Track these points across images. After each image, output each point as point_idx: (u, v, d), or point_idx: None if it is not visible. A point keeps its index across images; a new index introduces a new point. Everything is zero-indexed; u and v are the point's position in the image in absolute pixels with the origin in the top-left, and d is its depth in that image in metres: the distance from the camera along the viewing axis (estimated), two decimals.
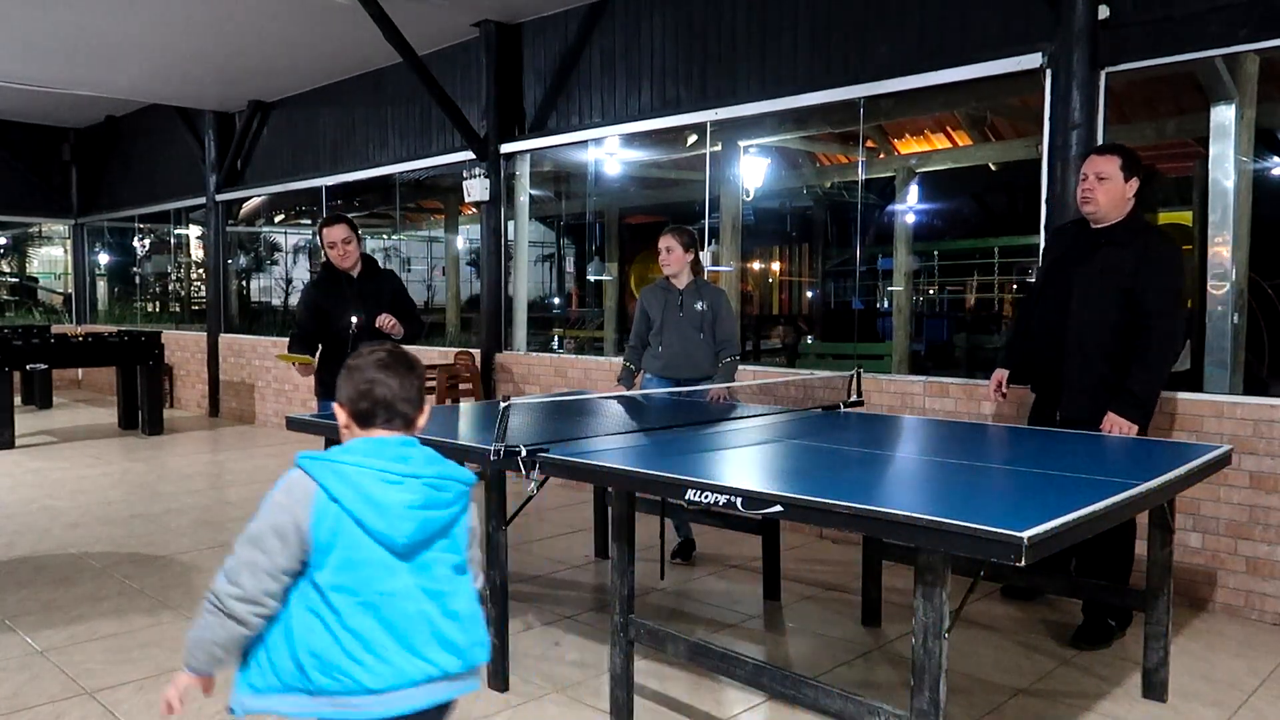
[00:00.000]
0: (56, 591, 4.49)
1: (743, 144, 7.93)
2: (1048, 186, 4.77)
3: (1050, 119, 4.75)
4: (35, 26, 7.84)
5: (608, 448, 3.21)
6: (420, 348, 8.46)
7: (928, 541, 2.12)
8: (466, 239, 12.45)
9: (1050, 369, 3.99)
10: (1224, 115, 5.08)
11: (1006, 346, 4.54)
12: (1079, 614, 4.00)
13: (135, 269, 14.33)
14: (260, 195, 11.38)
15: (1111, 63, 4.60)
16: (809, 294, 13.67)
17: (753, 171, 8.33)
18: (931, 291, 12.73)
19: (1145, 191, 3.85)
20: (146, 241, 14.12)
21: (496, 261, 7.96)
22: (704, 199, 6.70)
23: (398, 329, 4.68)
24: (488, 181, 7.73)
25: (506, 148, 7.75)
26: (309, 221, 13.48)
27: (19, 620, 4.10)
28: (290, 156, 10.39)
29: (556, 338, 10.12)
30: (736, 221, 7.89)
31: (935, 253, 12.29)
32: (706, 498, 2.51)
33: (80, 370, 13.48)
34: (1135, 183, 3.83)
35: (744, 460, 3.20)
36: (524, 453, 3.01)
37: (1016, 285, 11.87)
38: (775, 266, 13.78)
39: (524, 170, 8.07)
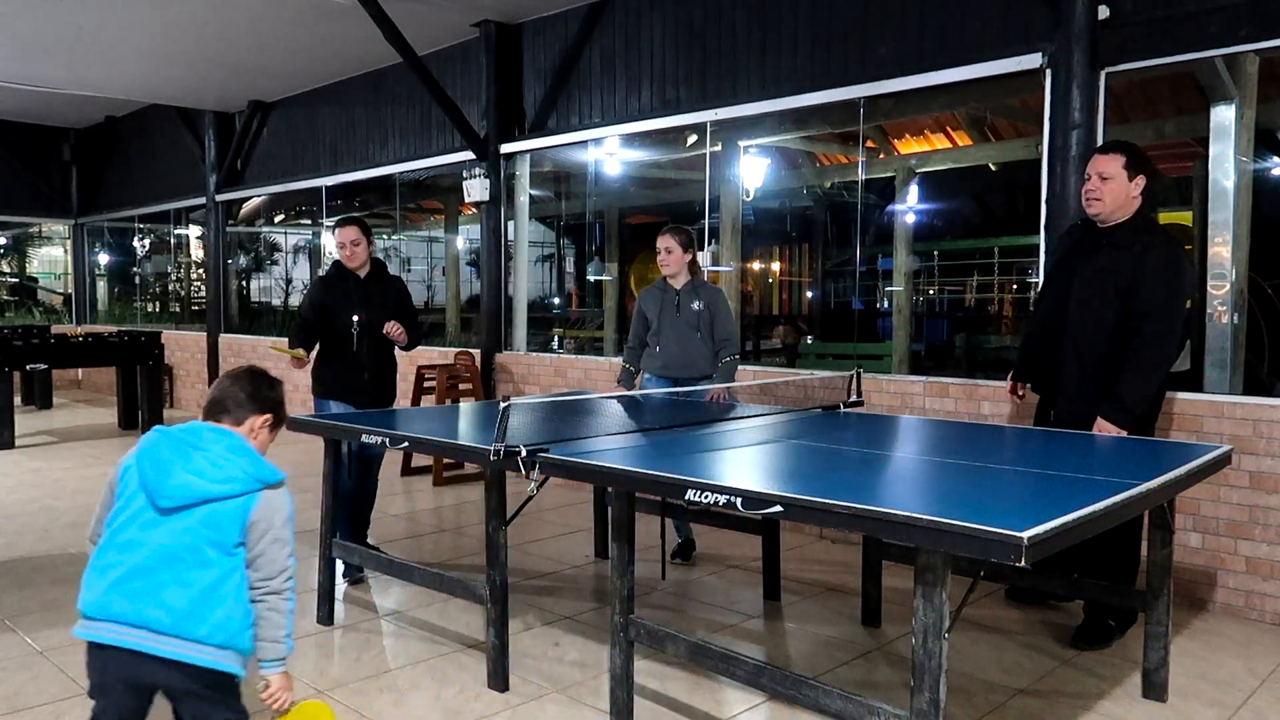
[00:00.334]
0: (56, 591, 4.48)
1: (743, 144, 7.93)
2: (1048, 186, 4.77)
3: (1050, 119, 4.75)
4: (35, 26, 7.84)
5: (607, 448, 3.21)
6: (420, 348, 8.42)
7: (928, 541, 2.12)
8: (466, 239, 12.45)
9: (1048, 369, 3.99)
10: (1224, 115, 5.09)
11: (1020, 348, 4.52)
12: (1079, 614, 4.00)
13: (135, 269, 14.32)
14: (260, 195, 11.38)
15: (1111, 63, 4.59)
16: (809, 294, 13.67)
17: (753, 171, 8.32)
18: (931, 292, 12.74)
19: (1146, 191, 3.83)
20: (146, 241, 14.12)
21: (496, 261, 7.96)
22: (704, 199, 6.70)
23: (403, 337, 4.75)
24: (488, 181, 7.73)
25: (506, 148, 7.75)
26: (309, 221, 13.48)
27: (19, 620, 4.10)
28: (290, 156, 10.39)
29: (556, 338, 10.11)
30: (736, 221, 7.89)
31: (935, 253, 12.30)
32: (706, 498, 2.51)
33: (80, 370, 13.46)
34: (1141, 180, 3.78)
35: (744, 460, 3.20)
36: (524, 453, 3.02)
37: (1016, 285, 11.88)
38: (775, 266, 13.78)
39: (524, 170, 8.07)
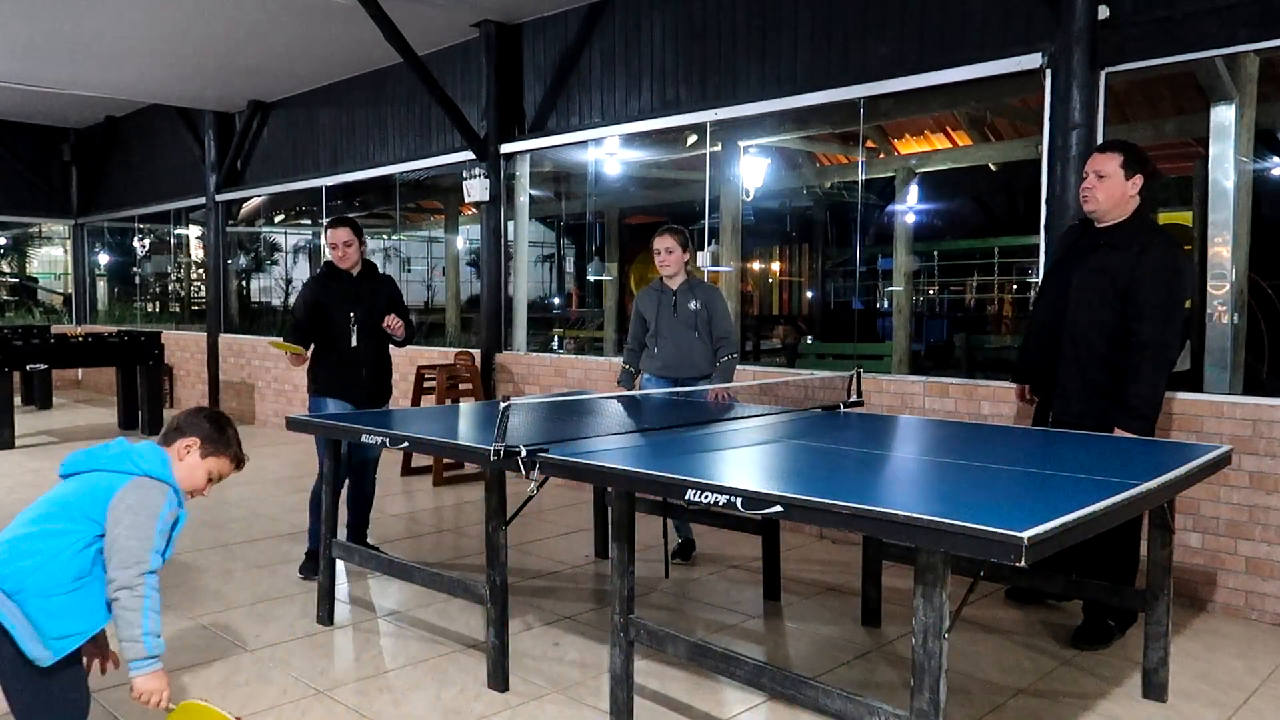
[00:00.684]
0: None
1: (743, 144, 7.93)
2: (1048, 187, 4.77)
3: (1050, 119, 4.75)
4: (35, 26, 7.84)
5: (608, 448, 3.21)
6: (421, 348, 8.48)
7: (928, 541, 2.12)
8: (466, 239, 12.45)
9: (1046, 370, 3.98)
10: (1224, 115, 5.09)
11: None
12: (1079, 614, 4.00)
13: (135, 269, 14.32)
14: (260, 195, 11.38)
15: (1111, 63, 4.59)
16: (809, 294, 13.67)
17: (753, 171, 8.32)
18: (931, 292, 12.74)
19: (1145, 191, 3.82)
20: (146, 241, 14.12)
21: (496, 262, 7.96)
22: (704, 199, 6.70)
23: (402, 330, 4.91)
24: (488, 182, 7.73)
25: (506, 148, 7.75)
26: (309, 221, 13.49)
27: None
28: (290, 156, 10.39)
29: (556, 338, 10.11)
30: (736, 222, 7.89)
31: (935, 253, 12.30)
32: (706, 498, 2.51)
33: (80, 370, 13.46)
34: (1139, 180, 3.76)
35: (744, 460, 3.20)
36: (524, 453, 3.01)
37: (1016, 286, 11.88)
38: (775, 266, 13.78)
39: (524, 170, 8.07)
